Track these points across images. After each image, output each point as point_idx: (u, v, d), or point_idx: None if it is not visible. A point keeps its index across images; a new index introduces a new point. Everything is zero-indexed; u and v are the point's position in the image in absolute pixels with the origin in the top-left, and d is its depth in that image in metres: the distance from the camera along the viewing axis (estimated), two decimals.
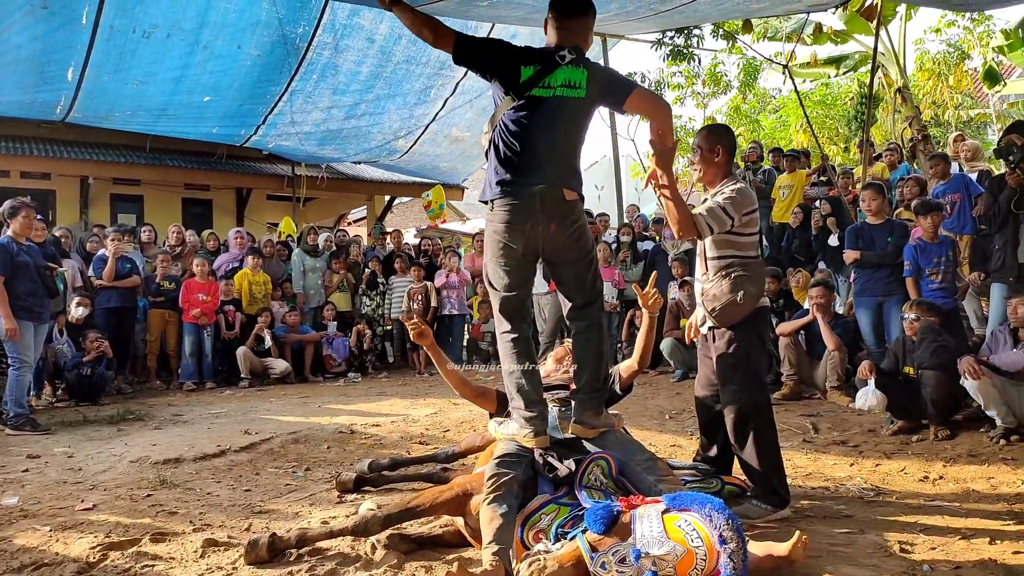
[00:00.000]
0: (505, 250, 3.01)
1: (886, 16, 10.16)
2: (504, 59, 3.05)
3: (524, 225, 2.96)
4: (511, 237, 2.98)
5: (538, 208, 2.94)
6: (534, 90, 2.98)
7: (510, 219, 2.97)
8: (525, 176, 2.96)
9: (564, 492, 2.80)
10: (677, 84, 15.26)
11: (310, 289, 9.79)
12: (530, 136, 2.99)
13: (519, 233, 2.97)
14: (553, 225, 2.96)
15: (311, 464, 4.59)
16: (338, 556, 2.86)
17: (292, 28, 8.59)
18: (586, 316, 3.15)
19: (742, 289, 3.27)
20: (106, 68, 8.52)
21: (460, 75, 10.20)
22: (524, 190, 2.95)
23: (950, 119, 16.83)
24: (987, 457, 4.32)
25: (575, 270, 3.11)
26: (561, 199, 2.98)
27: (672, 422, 5.71)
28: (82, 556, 2.90)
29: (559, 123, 3.01)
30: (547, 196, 2.95)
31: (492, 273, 3.10)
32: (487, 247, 3.11)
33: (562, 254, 3.07)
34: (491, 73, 3.09)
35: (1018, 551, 2.81)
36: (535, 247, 3.01)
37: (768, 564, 2.40)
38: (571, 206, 3.02)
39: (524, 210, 2.95)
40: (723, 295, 3.30)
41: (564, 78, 3.00)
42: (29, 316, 5.81)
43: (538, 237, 2.97)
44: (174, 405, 7.12)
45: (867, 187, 6.73)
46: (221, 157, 13.42)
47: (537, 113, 2.98)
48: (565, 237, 3.01)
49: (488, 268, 3.12)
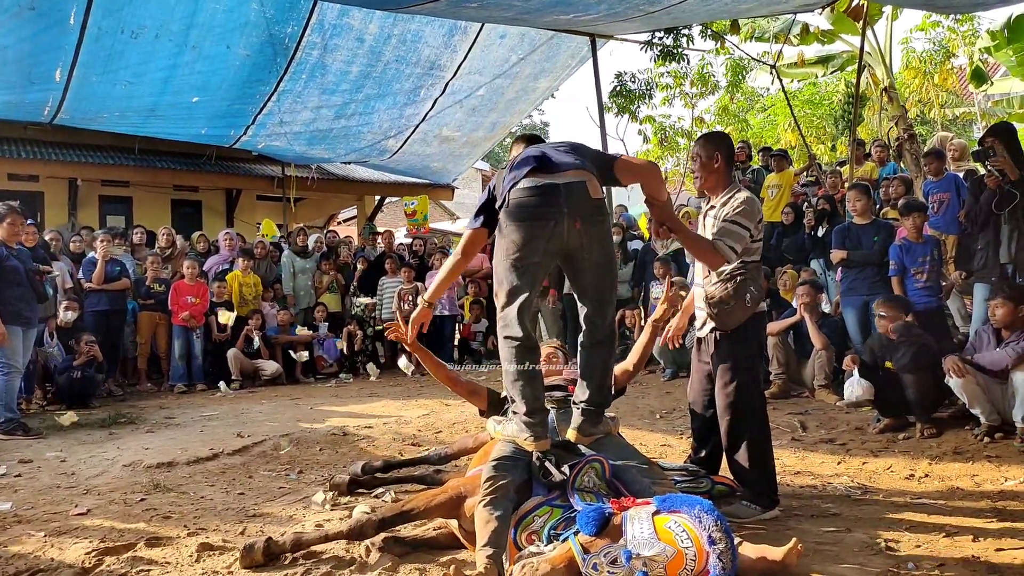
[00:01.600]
0: (523, 249, 2.84)
1: (872, 16, 10.24)
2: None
3: (547, 222, 2.81)
4: (531, 235, 2.83)
5: (563, 202, 2.81)
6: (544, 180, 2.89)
7: (532, 215, 2.83)
8: (548, 172, 2.88)
9: (557, 494, 2.83)
10: (665, 84, 15.30)
11: (300, 290, 9.80)
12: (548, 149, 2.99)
13: (540, 230, 2.82)
14: (578, 223, 2.83)
15: (304, 467, 4.61)
16: (333, 559, 2.89)
17: (281, 28, 8.58)
18: (599, 329, 3.04)
19: (747, 292, 3.31)
20: (94, 69, 8.47)
21: (450, 75, 10.22)
22: (548, 184, 2.84)
23: (936, 117, 16.96)
24: (972, 455, 4.39)
25: (596, 275, 2.97)
26: (587, 194, 2.85)
27: (662, 421, 5.76)
28: (78, 561, 2.92)
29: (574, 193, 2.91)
30: (573, 190, 2.83)
31: (507, 275, 2.91)
32: (500, 247, 2.93)
33: (584, 254, 2.91)
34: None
35: (1000, 548, 2.87)
36: (557, 247, 2.87)
37: (760, 566, 2.45)
38: (597, 204, 2.90)
39: (548, 204, 2.82)
40: (729, 298, 3.33)
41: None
42: (17, 321, 5.79)
43: (563, 235, 2.82)
44: (165, 408, 7.12)
45: (852, 187, 6.82)
46: (210, 158, 13.36)
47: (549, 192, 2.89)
48: (590, 237, 2.88)
49: (500, 268, 2.94)
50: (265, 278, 9.65)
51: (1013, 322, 4.63)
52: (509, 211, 2.89)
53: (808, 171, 10.80)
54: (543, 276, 3.06)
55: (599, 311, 3.02)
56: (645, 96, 13.65)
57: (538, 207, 2.83)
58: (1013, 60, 11.56)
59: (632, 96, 13.51)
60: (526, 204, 2.85)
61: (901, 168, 9.86)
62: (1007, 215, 5.35)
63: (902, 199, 6.90)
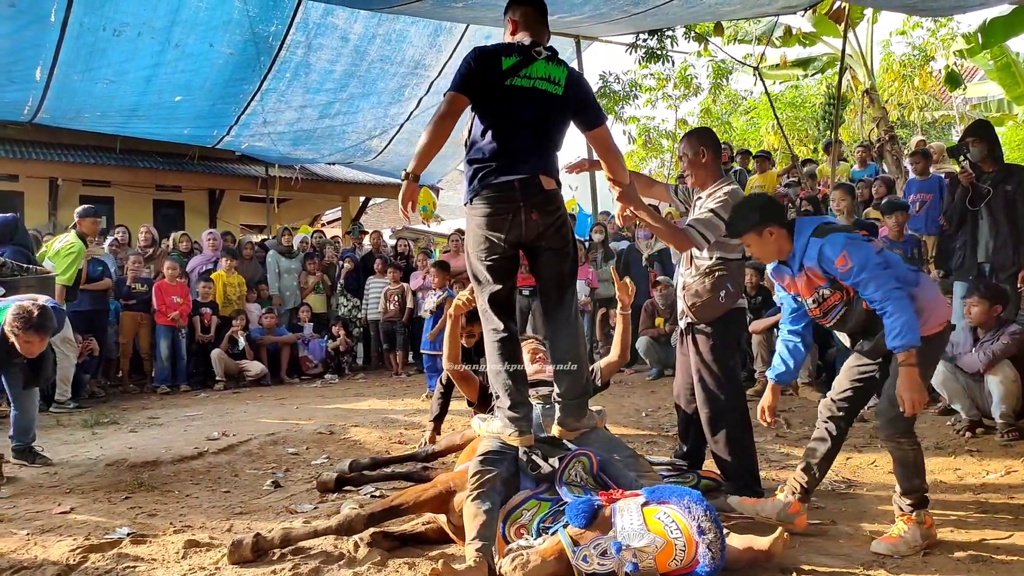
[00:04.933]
0: (489, 244, 3.01)
1: (854, 19, 10.37)
2: (484, 59, 3.05)
3: (506, 215, 2.98)
4: (494, 229, 2.99)
5: (519, 197, 2.97)
6: (514, 79, 3.00)
7: (492, 211, 2.98)
8: (503, 168, 2.98)
9: (545, 488, 2.84)
10: (649, 87, 15.40)
11: (285, 291, 9.74)
12: (508, 126, 3.02)
13: (502, 223, 2.98)
14: (534, 214, 2.99)
15: (290, 465, 4.59)
16: (321, 555, 2.87)
17: (264, 26, 8.52)
18: (562, 315, 3.14)
19: (723, 289, 3.37)
20: (75, 67, 8.38)
21: (435, 74, 10.20)
22: (504, 181, 2.97)
23: (915, 120, 17.18)
24: (953, 449, 4.45)
25: (555, 261, 3.11)
26: (540, 187, 3.01)
27: (648, 419, 5.78)
28: (62, 559, 2.88)
29: (537, 113, 3.04)
30: (527, 185, 2.98)
31: (477, 269, 3.09)
32: (470, 243, 3.11)
33: (543, 242, 3.07)
34: (479, 80, 3.04)
35: (984, 539, 2.92)
36: (517, 237, 3.02)
37: (747, 556, 2.47)
38: (550, 195, 3.05)
39: (505, 200, 2.98)
40: (704, 293, 3.39)
41: (544, 72, 3.04)
42: None
43: (520, 225, 2.99)
44: (148, 408, 7.05)
45: (838, 187, 6.90)
46: (193, 158, 13.26)
47: (516, 103, 3.01)
48: (546, 225, 3.03)
49: (472, 264, 3.11)
50: (251, 279, 9.58)
51: (987, 321, 4.67)
52: (472, 208, 3.05)
53: (790, 173, 10.91)
54: (511, 268, 3.13)
55: (558, 296, 3.15)
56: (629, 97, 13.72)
57: (496, 202, 2.99)
58: (991, 64, 11.74)
59: (616, 97, 13.57)
60: (486, 200, 3.00)
61: (882, 169, 9.98)
62: (983, 211, 5.42)
63: (885, 199, 6.98)
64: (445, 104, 3.03)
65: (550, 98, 3.06)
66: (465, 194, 3.10)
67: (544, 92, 3.04)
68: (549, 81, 3.05)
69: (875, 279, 2.79)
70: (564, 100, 3.09)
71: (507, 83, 3.00)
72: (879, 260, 2.86)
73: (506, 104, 3.02)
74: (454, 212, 20.67)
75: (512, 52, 3.06)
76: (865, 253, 2.84)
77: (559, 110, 3.11)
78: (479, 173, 3.01)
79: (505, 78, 3.00)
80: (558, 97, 3.07)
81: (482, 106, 3.07)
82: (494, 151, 3.01)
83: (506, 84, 3.00)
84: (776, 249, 3.03)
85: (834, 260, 2.84)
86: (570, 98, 3.10)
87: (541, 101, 3.04)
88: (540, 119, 3.06)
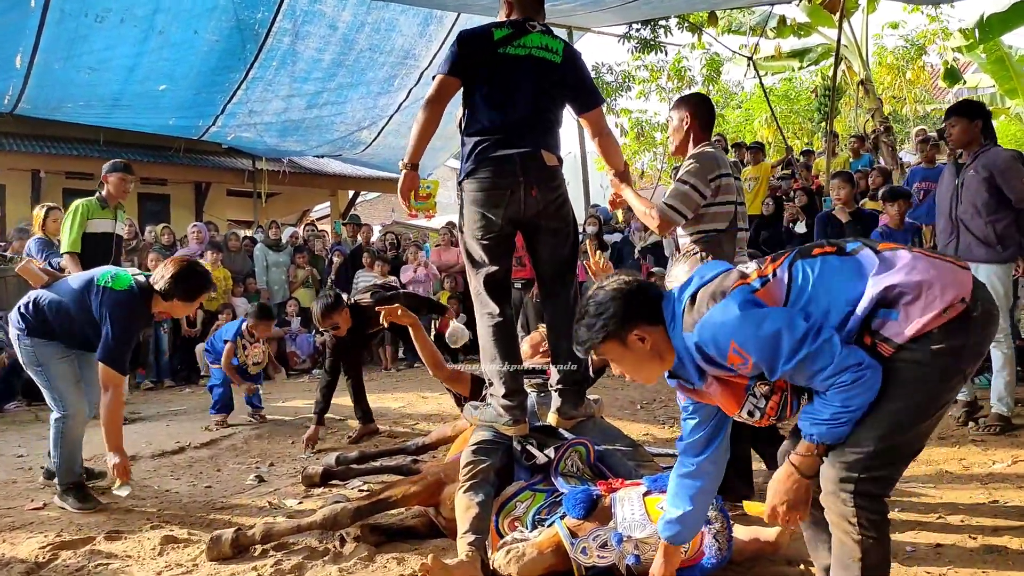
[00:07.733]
0: (485, 221, 2.86)
1: (849, 9, 10.27)
2: (473, 38, 2.94)
3: (504, 192, 2.82)
4: (492, 206, 2.84)
5: (519, 172, 2.81)
6: (508, 48, 2.87)
7: (490, 186, 2.83)
8: (503, 141, 2.84)
9: (540, 479, 2.72)
10: (642, 79, 15.29)
11: (273, 284, 9.56)
12: (507, 96, 2.88)
13: (500, 200, 2.83)
14: (534, 190, 2.84)
15: (275, 459, 4.45)
16: (305, 550, 2.74)
17: (250, 13, 8.36)
18: (560, 301, 3.02)
19: None
20: (57, 54, 8.21)
21: (425, 64, 10.05)
22: (503, 155, 2.83)
23: (908, 113, 17.15)
24: (957, 440, 4.34)
25: (554, 242, 2.98)
26: (542, 162, 2.87)
27: (643, 411, 5.67)
28: (31, 556, 2.74)
29: (535, 83, 2.90)
30: (527, 159, 2.83)
31: (472, 248, 2.94)
32: (466, 222, 2.96)
33: (542, 221, 2.93)
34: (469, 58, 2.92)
35: (996, 528, 2.81)
36: (515, 214, 2.86)
37: (753, 547, 2.36)
38: (552, 171, 2.91)
39: (504, 175, 2.82)
40: (683, 276, 3.19)
41: (539, 42, 2.92)
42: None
43: (520, 203, 2.84)
44: (131, 403, 6.86)
45: (836, 175, 6.79)
46: (179, 150, 13.04)
47: (512, 72, 2.88)
48: (547, 203, 2.89)
49: (468, 244, 2.97)
50: (238, 272, 9.40)
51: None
52: (469, 183, 2.89)
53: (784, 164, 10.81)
54: (508, 248, 3.00)
55: (559, 279, 3.03)
56: (622, 88, 13.61)
57: (495, 176, 2.83)
58: (984, 58, 11.69)
59: (609, 89, 13.45)
60: (484, 176, 2.85)
61: (878, 160, 9.90)
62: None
63: (886, 187, 6.88)
64: (434, 88, 2.92)
65: (548, 66, 2.92)
66: (460, 170, 2.97)
67: (542, 60, 2.91)
68: (546, 50, 2.92)
69: (813, 357, 1.65)
70: (562, 71, 2.95)
71: (501, 51, 2.87)
72: (791, 315, 1.70)
73: (502, 74, 2.88)
74: (447, 207, 20.52)
75: (504, 26, 2.95)
76: (770, 323, 1.69)
77: (558, 82, 2.97)
78: (478, 147, 2.86)
79: (498, 47, 2.87)
80: (556, 65, 2.94)
81: (477, 82, 2.93)
82: (493, 123, 2.86)
83: (500, 52, 2.87)
84: (655, 358, 1.92)
85: (725, 360, 1.76)
86: (568, 70, 2.97)
87: (538, 70, 2.91)
88: (539, 89, 2.92)
